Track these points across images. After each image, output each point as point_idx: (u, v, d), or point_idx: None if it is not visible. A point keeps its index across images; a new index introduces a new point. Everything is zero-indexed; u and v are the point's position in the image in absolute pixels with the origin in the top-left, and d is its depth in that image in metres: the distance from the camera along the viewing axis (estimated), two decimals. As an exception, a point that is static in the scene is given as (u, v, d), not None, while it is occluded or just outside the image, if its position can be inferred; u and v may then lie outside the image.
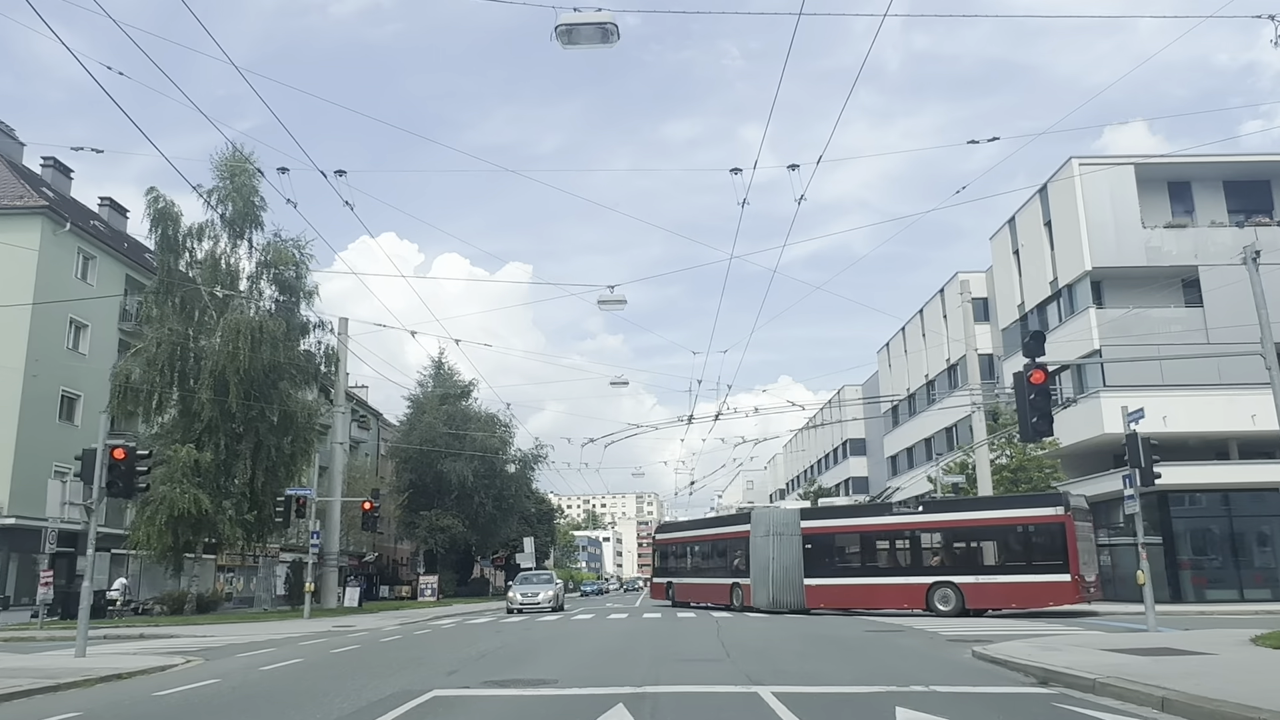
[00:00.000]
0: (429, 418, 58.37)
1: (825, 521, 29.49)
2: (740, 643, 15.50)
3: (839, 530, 28.71)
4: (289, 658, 14.33)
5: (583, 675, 10.97)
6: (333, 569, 36.71)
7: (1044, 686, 9.66)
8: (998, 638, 15.33)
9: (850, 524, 28.87)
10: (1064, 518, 23.39)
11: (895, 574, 26.39)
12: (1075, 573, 22.74)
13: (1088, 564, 23.95)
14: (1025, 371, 12.77)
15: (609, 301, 21.81)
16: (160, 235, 30.59)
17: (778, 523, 30.31)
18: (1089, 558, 24.31)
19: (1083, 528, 24.36)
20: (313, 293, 33.55)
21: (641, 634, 18.85)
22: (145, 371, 29.60)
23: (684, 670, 11.34)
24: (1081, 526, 24.19)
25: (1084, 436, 34.66)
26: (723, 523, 35.71)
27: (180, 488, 27.59)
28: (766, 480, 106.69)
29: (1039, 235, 38.69)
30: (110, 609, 31.47)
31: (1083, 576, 23.03)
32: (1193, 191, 36.76)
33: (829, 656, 12.95)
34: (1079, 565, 22.88)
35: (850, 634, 17.60)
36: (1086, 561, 23.81)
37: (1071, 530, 23.14)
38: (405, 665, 12.48)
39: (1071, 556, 22.91)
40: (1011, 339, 42.11)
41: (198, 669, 13.22)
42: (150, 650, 16.85)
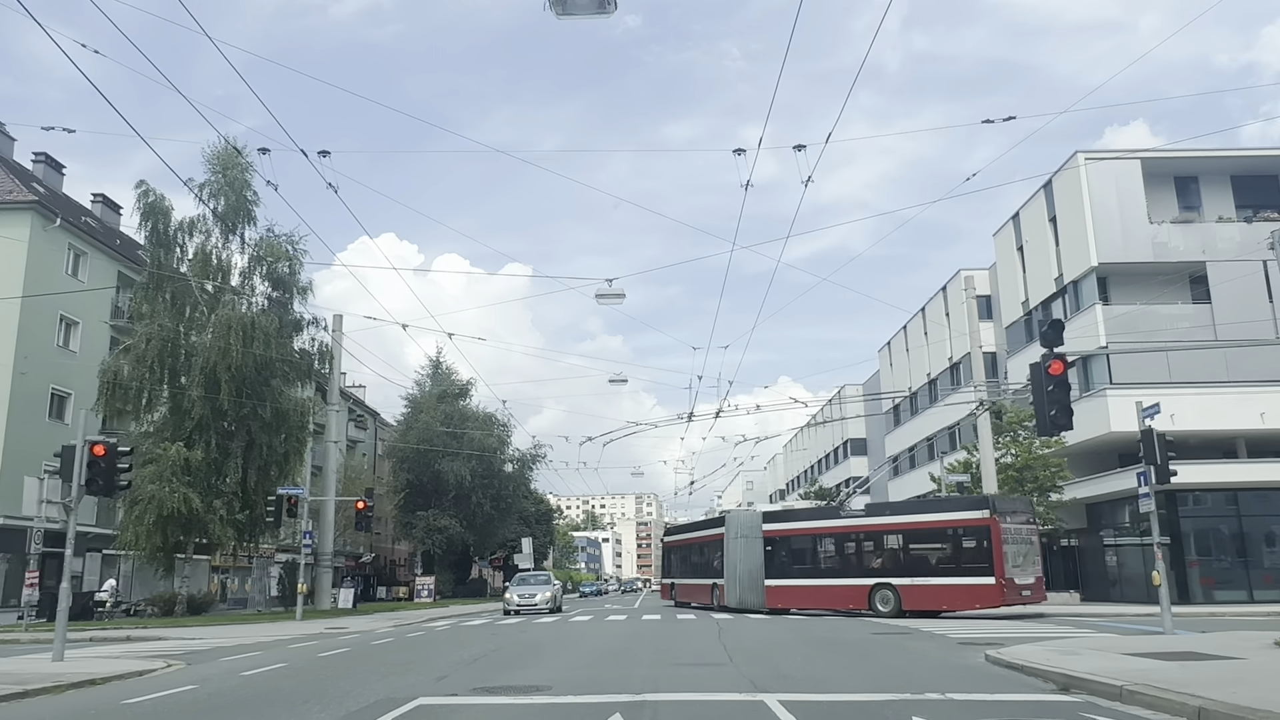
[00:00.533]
0: (426, 417, 57.84)
1: (782, 524, 30.04)
2: (742, 646, 14.97)
3: (793, 533, 29.24)
4: (273, 662, 13.79)
5: (578, 681, 10.43)
6: (327, 570, 36.12)
7: (1066, 694, 9.13)
8: (1009, 640, 14.79)
9: (803, 527, 29.35)
10: (989, 521, 23.31)
11: (842, 575, 26.69)
12: (1000, 576, 22.63)
13: (1020, 566, 23.57)
14: (1043, 362, 12.23)
15: (607, 295, 21.26)
16: (150, 230, 30.04)
17: (744, 525, 30.78)
18: (1023, 560, 23.86)
19: (1020, 530, 24.10)
20: (306, 289, 33.06)
21: (640, 636, 18.31)
22: (135, 368, 29.02)
23: (684, 676, 10.80)
24: (1016, 529, 23.93)
25: (1090, 435, 34.10)
26: (708, 525, 36.27)
27: (169, 487, 27.02)
28: (766, 480, 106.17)
29: (1044, 231, 38.16)
30: (99, 610, 30.91)
31: (1011, 579, 22.80)
32: (1199, 186, 36.27)
33: (836, 661, 12.40)
34: (1004, 568, 22.71)
35: (856, 636, 17.06)
36: (1019, 564, 23.49)
37: (997, 533, 23.04)
38: (393, 670, 11.94)
39: (996, 560, 22.85)
40: (1016, 336, 41.59)
41: (177, 674, 12.69)
42: (133, 654, 16.32)
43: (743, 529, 30.70)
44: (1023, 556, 23.84)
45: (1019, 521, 24.36)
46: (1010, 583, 22.81)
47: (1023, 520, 24.72)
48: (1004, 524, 23.42)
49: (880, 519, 27.39)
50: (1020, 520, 24.52)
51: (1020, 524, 24.40)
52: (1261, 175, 36.03)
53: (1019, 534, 24.04)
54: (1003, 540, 23.10)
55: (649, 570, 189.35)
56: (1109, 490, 34.72)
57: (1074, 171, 35.38)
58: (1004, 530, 23.30)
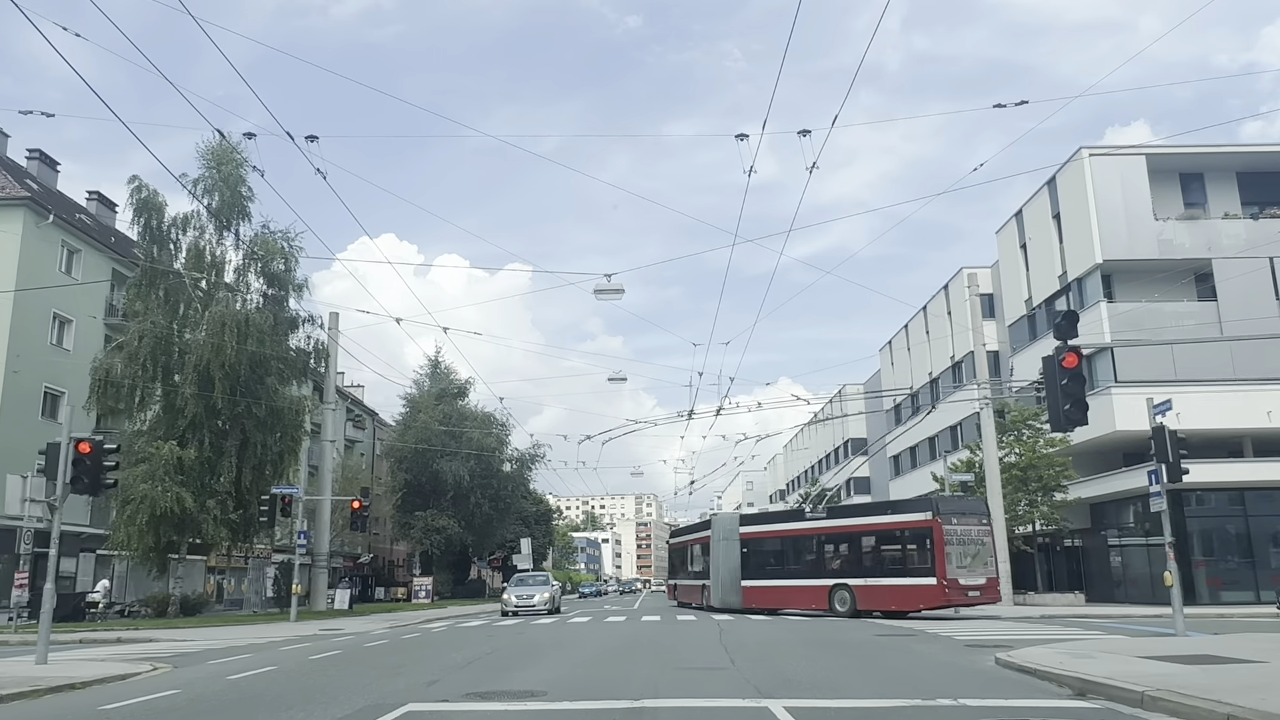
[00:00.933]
0: (425, 417, 57.49)
1: (756, 527, 31.19)
2: (744, 648, 14.58)
3: (764, 535, 30.31)
4: (262, 665, 13.40)
5: (575, 686, 10.05)
6: (323, 570, 35.71)
7: (1082, 699, 8.75)
8: (1017, 642, 14.42)
9: (772, 530, 30.38)
10: (931, 523, 23.90)
11: (806, 576, 27.51)
12: (941, 577, 23.23)
13: (968, 567, 24.02)
14: (1056, 355, 11.84)
15: (606, 290, 20.88)
16: (144, 226, 29.64)
17: (726, 528, 31.71)
18: (972, 561, 24.22)
19: (969, 532, 24.53)
20: (302, 286, 32.64)
21: (640, 639, 17.93)
22: (127, 366, 28.60)
23: (685, 680, 10.41)
24: (963, 531, 24.39)
25: (1095, 434, 33.68)
26: (700, 528, 37.11)
27: (162, 486, 26.60)
28: (767, 481, 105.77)
29: (1047, 228, 37.80)
30: (92, 612, 30.52)
31: (955, 580, 23.34)
32: (1205, 183, 35.93)
33: (842, 664, 12.02)
34: (945, 569, 23.28)
35: (860, 638, 16.68)
36: (966, 565, 23.97)
37: (939, 535, 23.61)
38: (383, 674, 11.55)
39: (938, 561, 23.43)
40: (1019, 334, 41.22)
41: (161, 677, 12.31)
42: (120, 656, 15.91)
43: (724, 532, 31.53)
44: (971, 558, 24.25)
45: (967, 524, 24.70)
46: (954, 584, 23.33)
47: (973, 523, 25.03)
48: (948, 526, 23.94)
49: (838, 522, 28.08)
50: (969, 523, 24.85)
51: (969, 526, 24.74)
52: (1267, 172, 35.64)
53: (966, 536, 24.42)
54: (945, 542, 23.62)
55: (649, 571, 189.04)
56: (1113, 490, 34.36)
57: (1078, 168, 35.04)
58: (948, 532, 23.80)
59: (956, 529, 24.20)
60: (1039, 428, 34.45)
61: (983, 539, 24.94)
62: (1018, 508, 34.03)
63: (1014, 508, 33.61)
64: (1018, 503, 34.04)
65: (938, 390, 51.65)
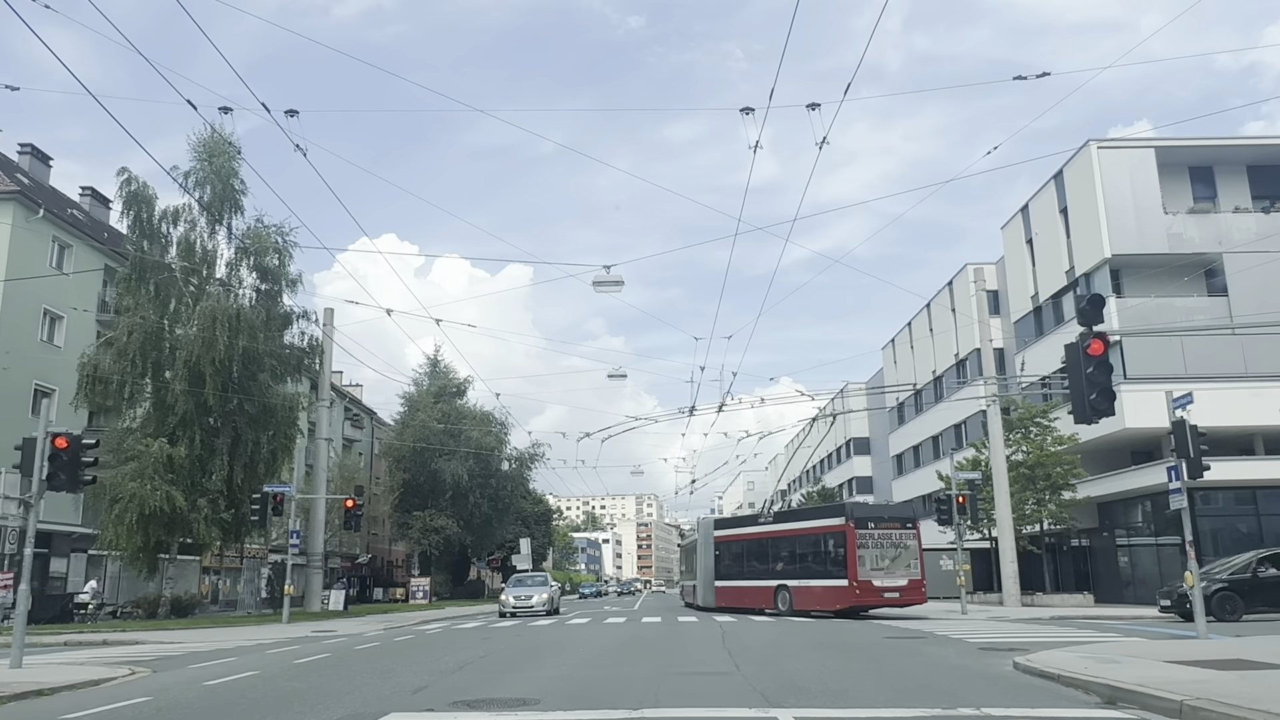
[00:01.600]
0: (423, 416, 56.93)
1: (724, 531, 32.99)
2: (748, 651, 13.99)
3: (730, 539, 32.00)
4: (245, 669, 12.82)
5: (570, 693, 9.47)
6: (318, 570, 35.12)
7: (1113, 708, 8.16)
8: (1032, 645, 13.84)
9: (735, 533, 32.05)
10: (844, 527, 25.48)
11: (758, 577, 29.15)
12: (853, 578, 24.73)
13: (885, 570, 25.27)
14: (1081, 341, 11.22)
15: (605, 283, 20.29)
16: (133, 219, 29.04)
17: (705, 531, 33.84)
18: (890, 564, 25.44)
19: (887, 536, 25.80)
20: (296, 281, 31.98)
21: (640, 641, 17.33)
22: (116, 361, 27.99)
23: (687, 687, 9.82)
24: (881, 535, 25.70)
25: (1103, 431, 33.04)
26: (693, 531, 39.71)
27: (151, 484, 25.99)
28: (768, 480, 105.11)
29: (1054, 223, 37.19)
30: (81, 613, 29.95)
31: (868, 582, 24.77)
32: (1215, 176, 35.29)
33: (852, 669, 11.41)
34: (857, 571, 24.72)
35: (868, 640, 16.08)
36: (883, 567, 25.26)
37: (851, 539, 25.08)
38: (369, 679, 10.95)
39: (850, 563, 24.87)
40: (1025, 331, 40.61)
41: (137, 683, 11.72)
42: (100, 660, 15.33)
43: (705, 535, 33.63)
44: (889, 560, 25.51)
45: (885, 529, 25.99)
46: (866, 585, 24.73)
47: (894, 526, 26.28)
48: (862, 531, 25.35)
49: (779, 526, 29.63)
50: (888, 527, 26.10)
51: (887, 531, 25.98)
52: (1278, 165, 35.03)
53: (884, 539, 25.71)
54: (858, 545, 25.05)
55: (649, 571, 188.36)
56: (1122, 489, 33.77)
57: (1086, 161, 34.44)
58: (861, 536, 25.22)
59: (872, 533, 25.59)
60: (1047, 425, 33.86)
61: (904, 543, 26.02)
62: (1025, 507, 33.41)
63: (1021, 507, 33.00)
64: (1025, 501, 33.42)
65: (941, 388, 51.07)
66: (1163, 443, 33.76)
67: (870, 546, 25.31)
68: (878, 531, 25.73)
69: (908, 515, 27.73)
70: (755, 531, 30.58)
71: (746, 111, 11.52)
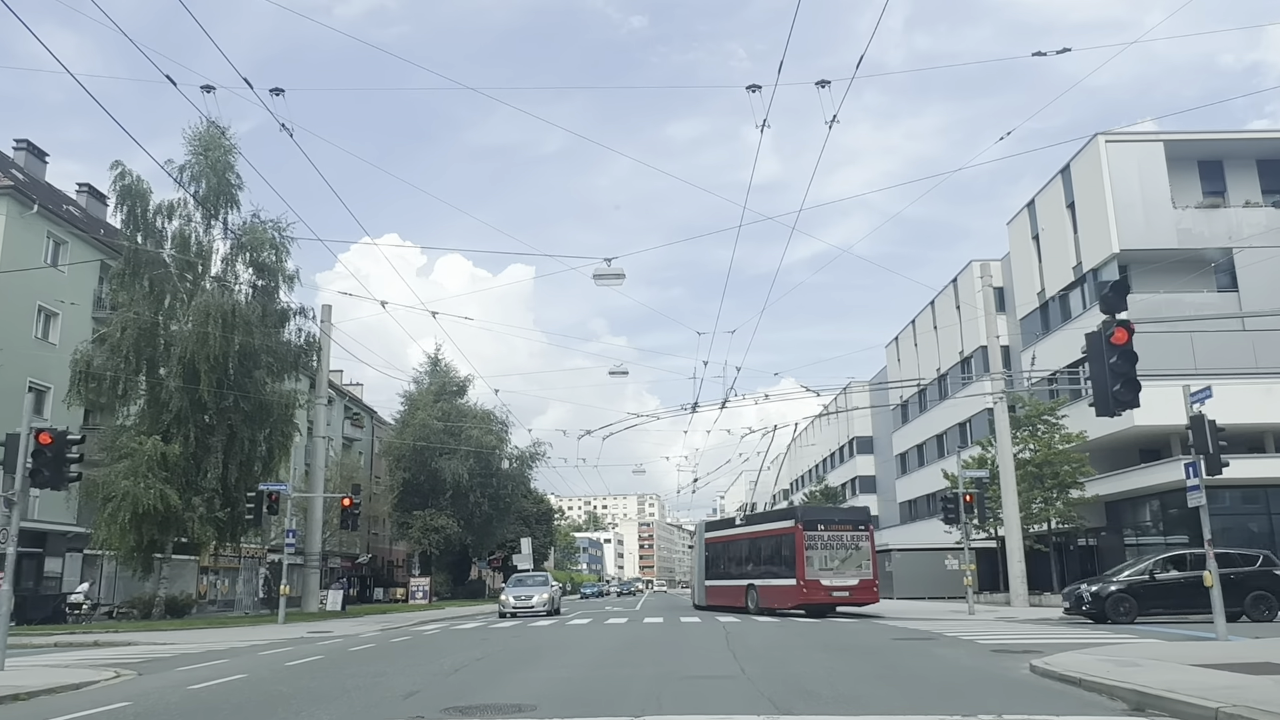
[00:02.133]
0: (423, 414, 56.50)
1: (712, 533, 34.24)
2: (753, 653, 13.54)
3: (715, 540, 33.30)
4: (233, 673, 12.38)
5: (569, 697, 9.04)
6: (315, 570, 34.66)
7: (1141, 715, 7.71)
8: (1045, 647, 13.40)
9: (719, 535, 33.31)
10: (794, 529, 26.77)
11: (734, 577, 30.75)
12: (800, 578, 25.94)
13: (834, 570, 26.33)
14: (1104, 329, 10.78)
15: (605, 275, 19.84)
16: (127, 213, 28.59)
17: (699, 533, 35.54)
18: (839, 564, 26.53)
19: (837, 537, 26.95)
20: (293, 276, 31.49)
21: (641, 643, 16.89)
22: (109, 358, 27.54)
23: (690, 692, 9.38)
24: (831, 536, 26.89)
25: (1111, 429, 32.60)
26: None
27: (145, 483, 25.53)
28: (770, 479, 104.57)
29: (1061, 218, 36.72)
30: (75, 613, 29.54)
31: (816, 581, 25.90)
32: (1224, 171, 34.83)
33: (863, 673, 10.96)
34: (804, 571, 25.91)
35: (876, 642, 15.64)
36: (832, 567, 26.35)
37: (800, 541, 26.32)
38: (359, 684, 10.51)
39: (798, 563, 26.07)
40: (1031, 327, 40.16)
41: (119, 687, 11.29)
42: (86, 662, 14.89)
43: (698, 536, 35.51)
44: (839, 561, 26.57)
45: (836, 530, 27.17)
46: (814, 584, 25.85)
47: (845, 529, 27.37)
48: (810, 532, 26.56)
49: (748, 529, 31.13)
50: (839, 529, 27.28)
51: (837, 532, 27.12)
52: (1289, 159, 34.56)
53: (834, 541, 26.82)
54: (806, 546, 26.23)
55: (651, 571, 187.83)
56: (1130, 487, 33.32)
57: (1094, 155, 33.98)
58: (810, 538, 26.40)
59: (821, 535, 26.76)
60: (1055, 422, 33.40)
61: (856, 545, 26.96)
62: (1032, 505, 32.93)
63: (1028, 505, 32.52)
64: (1032, 500, 32.94)
65: (945, 386, 50.59)
66: (1171, 440, 33.33)
67: (819, 548, 26.47)
68: (827, 533, 26.90)
69: (860, 518, 28.73)
70: (731, 534, 32.27)
71: (753, 89, 11.08)
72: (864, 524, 28.14)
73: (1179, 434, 33.33)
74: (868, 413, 63.30)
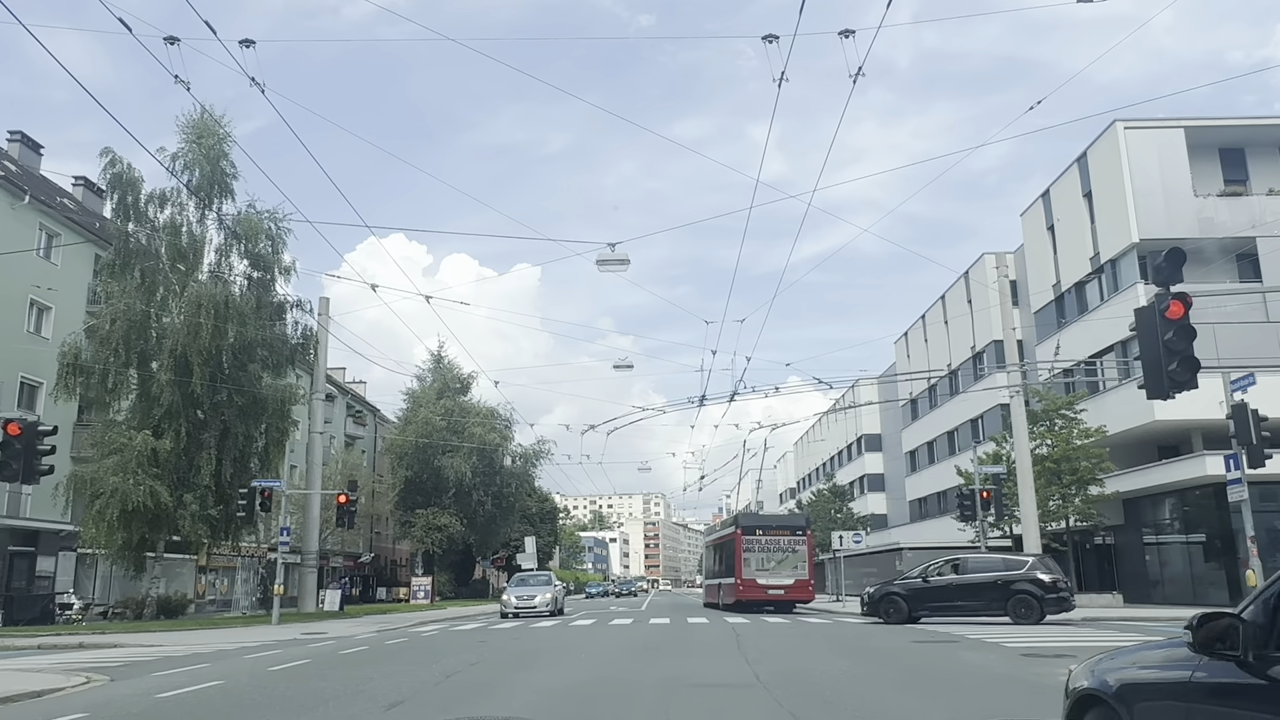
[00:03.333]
0: (425, 412, 55.71)
1: (709, 537, 38.64)
2: (766, 658, 12.66)
3: (710, 544, 37.88)
4: (210, 678, 11.54)
5: (567, 710, 8.19)
6: (312, 570, 33.84)
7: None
8: (1076, 650, 12.50)
9: (712, 539, 37.20)
10: (734, 534, 29.89)
11: (712, 576, 34.45)
12: (739, 577, 28.83)
13: (770, 570, 29.04)
14: (1157, 303, 9.88)
15: (609, 261, 19.01)
16: (117, 202, 27.78)
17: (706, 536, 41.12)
18: (776, 565, 29.27)
19: (775, 541, 29.72)
20: (290, 269, 30.63)
21: (647, 646, 16.01)
22: (99, 351, 26.72)
23: (702, 703, 8.52)
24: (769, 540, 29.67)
25: (1131, 424, 31.77)
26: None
27: (134, 479, 24.69)
28: (777, 478, 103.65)
29: (1078, 207, 35.75)
30: (66, 614, 28.78)
31: (753, 580, 28.70)
32: (1246, 158, 33.82)
33: (888, 679, 10.08)
34: (742, 571, 28.85)
35: (896, 645, 14.75)
36: (768, 569, 29.03)
37: (739, 544, 29.24)
38: (342, 691, 9.65)
39: (737, 564, 29.02)
40: (1045, 320, 39.21)
41: (84, 694, 10.46)
42: (59, 667, 14.04)
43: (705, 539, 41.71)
44: (776, 563, 29.13)
45: (774, 535, 29.94)
46: (751, 583, 28.64)
47: (783, 533, 30.15)
48: (749, 537, 29.40)
49: (720, 533, 34.25)
50: (777, 534, 30.00)
51: (775, 536, 29.87)
52: (1313, 146, 33.55)
53: (771, 544, 29.50)
54: (744, 549, 29.01)
55: (656, 570, 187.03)
56: (1150, 484, 32.36)
57: (1112, 142, 33.02)
58: (748, 542, 29.21)
59: (759, 539, 29.60)
60: (1072, 417, 32.46)
61: (793, 548, 29.64)
62: (1049, 502, 31.98)
63: (1045, 503, 31.57)
64: (1050, 497, 31.98)
65: (957, 381, 49.63)
66: (1192, 436, 32.37)
67: (757, 550, 29.12)
68: (765, 538, 29.76)
69: (799, 523, 31.34)
70: (715, 538, 36.49)
71: (770, 39, 10.19)
72: (802, 529, 30.64)
73: (1200, 429, 32.43)
74: (876, 410, 62.31)
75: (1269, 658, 2.98)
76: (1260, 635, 3.04)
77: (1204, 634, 3.23)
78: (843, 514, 57.61)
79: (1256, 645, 3.02)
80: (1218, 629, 3.16)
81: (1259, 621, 3.07)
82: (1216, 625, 3.17)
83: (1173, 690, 3.35)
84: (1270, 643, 3.03)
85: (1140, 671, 3.78)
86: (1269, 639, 3.04)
